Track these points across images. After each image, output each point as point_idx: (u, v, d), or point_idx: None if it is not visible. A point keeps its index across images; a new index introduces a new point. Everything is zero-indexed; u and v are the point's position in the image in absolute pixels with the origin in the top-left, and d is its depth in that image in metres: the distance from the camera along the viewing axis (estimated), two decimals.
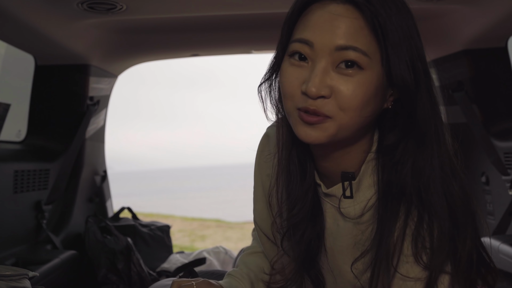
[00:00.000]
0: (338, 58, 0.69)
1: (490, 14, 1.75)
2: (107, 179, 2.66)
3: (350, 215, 0.79)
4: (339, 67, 0.70)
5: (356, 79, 0.69)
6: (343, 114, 0.70)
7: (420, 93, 0.72)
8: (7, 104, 1.79)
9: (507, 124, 2.03)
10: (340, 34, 0.69)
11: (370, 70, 0.70)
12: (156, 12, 1.74)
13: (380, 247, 0.73)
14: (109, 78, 2.43)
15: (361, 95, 0.69)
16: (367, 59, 0.69)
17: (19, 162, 1.91)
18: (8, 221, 1.82)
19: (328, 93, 0.69)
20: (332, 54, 0.69)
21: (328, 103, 0.70)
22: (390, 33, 0.69)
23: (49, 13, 1.64)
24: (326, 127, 0.71)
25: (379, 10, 0.69)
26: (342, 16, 0.69)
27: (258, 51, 2.37)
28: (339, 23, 0.69)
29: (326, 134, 0.71)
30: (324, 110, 0.70)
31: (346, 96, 0.69)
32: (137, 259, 2.06)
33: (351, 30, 0.69)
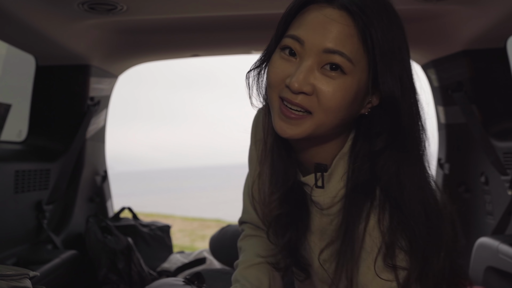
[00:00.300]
0: (325, 59, 0.74)
1: (489, 14, 1.76)
2: (107, 179, 2.66)
3: (320, 204, 0.83)
4: (324, 68, 0.74)
5: (337, 82, 0.73)
6: (322, 113, 0.74)
7: (405, 102, 0.75)
8: (8, 105, 1.80)
9: (507, 124, 2.03)
10: (330, 38, 0.73)
11: (352, 76, 0.73)
12: (156, 12, 1.74)
13: (344, 238, 0.76)
14: (109, 79, 2.43)
15: (340, 97, 0.73)
16: (351, 65, 0.73)
17: (20, 162, 1.91)
18: (9, 221, 1.82)
19: (310, 90, 0.74)
20: (320, 55, 0.74)
21: (309, 100, 0.74)
22: (380, 44, 0.72)
23: (50, 14, 1.65)
24: (303, 124, 0.75)
25: (372, 21, 0.72)
26: (335, 21, 0.73)
27: (258, 51, 2.37)
28: (331, 27, 0.73)
29: (301, 130, 0.75)
30: (304, 104, 0.74)
31: (326, 97, 0.73)
32: (137, 259, 2.07)
33: (341, 36, 0.73)
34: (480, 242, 1.87)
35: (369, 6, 0.73)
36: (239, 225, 1.13)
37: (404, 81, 0.75)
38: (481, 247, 1.86)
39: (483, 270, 1.83)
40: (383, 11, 0.74)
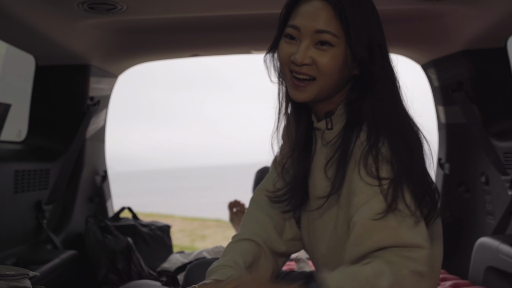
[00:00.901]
0: (316, 38, 1.01)
1: (489, 14, 1.75)
2: (107, 179, 2.66)
3: (328, 140, 1.09)
4: (317, 44, 1.02)
5: (328, 53, 1.01)
6: (322, 77, 1.02)
7: (374, 60, 1.02)
8: (7, 104, 1.80)
9: (507, 124, 2.03)
10: (318, 22, 1.01)
11: (338, 47, 1.01)
12: (156, 12, 1.74)
13: (341, 153, 1.03)
14: (109, 78, 2.43)
15: (333, 64, 1.01)
16: (336, 39, 1.00)
17: (20, 162, 1.91)
18: (9, 221, 1.82)
19: (310, 61, 1.01)
20: (313, 35, 1.01)
21: (311, 69, 1.02)
22: (352, 23, 1.00)
23: (49, 14, 1.65)
24: (310, 89, 1.04)
25: (345, 6, 1.00)
26: (320, 9, 1.01)
27: (258, 51, 2.37)
28: (318, 14, 1.01)
29: (309, 94, 1.04)
30: (309, 72, 1.02)
31: (322, 65, 1.01)
32: (137, 259, 2.07)
33: (326, 19, 1.01)
34: (480, 242, 1.87)
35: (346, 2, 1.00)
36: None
37: (372, 46, 1.02)
38: (482, 247, 1.86)
39: (484, 270, 1.82)
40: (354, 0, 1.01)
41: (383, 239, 0.92)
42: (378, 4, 1.06)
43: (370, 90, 1.04)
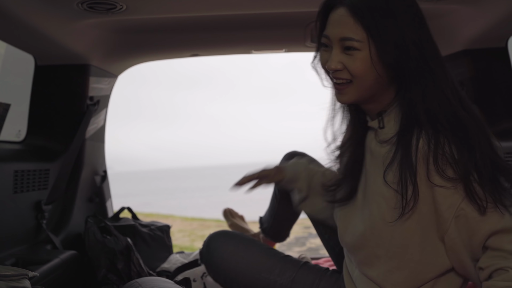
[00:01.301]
0: (343, 44, 1.05)
1: (490, 14, 1.75)
2: (107, 179, 2.66)
3: (380, 138, 1.11)
4: (345, 50, 1.06)
5: (355, 57, 1.04)
6: (356, 80, 1.06)
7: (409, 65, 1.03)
8: (7, 104, 1.79)
9: (508, 124, 2.02)
10: (342, 29, 1.05)
11: (364, 51, 1.04)
12: (156, 12, 1.74)
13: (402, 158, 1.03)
14: (109, 78, 2.42)
15: (362, 67, 1.04)
16: (360, 44, 1.03)
17: (19, 162, 1.91)
18: (8, 221, 1.82)
19: (341, 67, 1.07)
20: (340, 42, 1.06)
21: (343, 73, 1.07)
22: (373, 26, 1.02)
23: (48, 13, 1.64)
24: (349, 91, 1.09)
25: (366, 11, 1.02)
26: (344, 16, 1.04)
27: (258, 51, 2.37)
28: (342, 21, 1.05)
29: (349, 96, 1.09)
30: (343, 76, 1.08)
31: (352, 69, 1.05)
32: (137, 259, 2.06)
33: (349, 26, 1.04)
34: None
35: (365, 3, 1.02)
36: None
37: (403, 46, 1.02)
38: None
39: None
40: (376, 3, 1.02)
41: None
42: None
43: (409, 90, 1.04)
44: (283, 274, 1.33)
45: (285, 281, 1.32)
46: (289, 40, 2.23)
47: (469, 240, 1.01)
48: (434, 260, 1.07)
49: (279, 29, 2.09)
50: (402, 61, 1.03)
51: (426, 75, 1.04)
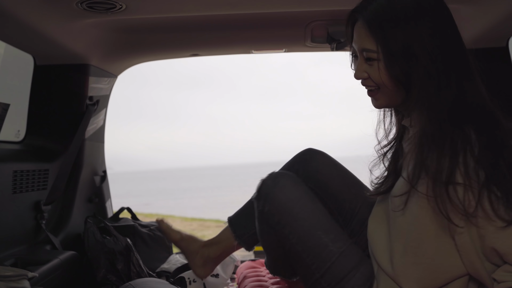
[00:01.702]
0: (363, 55, 1.12)
1: (491, 14, 1.75)
2: (106, 179, 2.65)
3: (407, 137, 1.20)
4: (367, 60, 1.12)
5: (375, 67, 1.11)
6: (382, 86, 1.12)
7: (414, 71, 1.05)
8: (6, 104, 1.79)
9: (508, 124, 2.02)
10: (361, 41, 1.11)
11: (381, 59, 1.08)
12: (155, 12, 1.73)
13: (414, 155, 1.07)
14: (108, 78, 2.42)
15: (382, 75, 1.10)
16: (376, 54, 1.09)
17: (18, 162, 1.90)
18: (7, 221, 1.81)
19: (365, 76, 1.14)
20: (361, 53, 1.13)
21: (369, 81, 1.14)
22: (383, 38, 1.07)
23: (48, 13, 1.64)
24: (379, 97, 1.15)
25: (378, 23, 1.07)
26: (361, 28, 1.11)
27: (258, 51, 2.36)
28: (360, 33, 1.11)
29: (381, 102, 1.16)
30: (370, 84, 1.15)
31: (374, 78, 1.12)
32: (136, 259, 2.06)
33: (365, 37, 1.10)
34: None
35: (376, 15, 1.08)
36: None
37: (407, 57, 1.05)
38: None
39: None
40: (390, 17, 1.06)
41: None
42: None
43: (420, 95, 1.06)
44: (336, 241, 1.30)
45: (334, 249, 1.29)
46: (289, 40, 2.22)
47: (480, 243, 1.00)
48: (448, 260, 1.07)
49: (279, 29, 2.08)
50: (411, 71, 1.05)
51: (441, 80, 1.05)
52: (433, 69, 1.04)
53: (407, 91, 1.09)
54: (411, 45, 1.04)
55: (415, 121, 1.14)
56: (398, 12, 1.05)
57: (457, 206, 0.98)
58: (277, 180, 1.39)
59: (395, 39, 1.04)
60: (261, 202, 1.39)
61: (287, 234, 1.32)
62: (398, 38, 1.04)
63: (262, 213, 1.38)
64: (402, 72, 1.06)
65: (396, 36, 1.04)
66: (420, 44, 1.04)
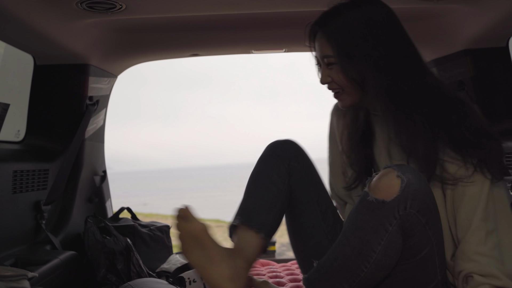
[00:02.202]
0: (326, 62, 1.25)
1: (491, 13, 1.75)
2: (106, 179, 2.65)
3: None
4: (328, 66, 1.25)
5: (335, 70, 1.23)
6: (345, 88, 1.24)
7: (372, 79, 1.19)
8: (6, 104, 1.79)
9: (508, 124, 2.02)
10: (321, 49, 1.25)
11: (339, 64, 1.21)
12: (155, 11, 1.73)
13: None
14: (108, 78, 2.42)
15: (341, 78, 1.22)
16: (334, 59, 1.22)
17: (18, 162, 1.90)
18: (7, 221, 1.81)
19: (329, 80, 1.25)
20: (323, 60, 1.26)
21: (333, 84, 1.26)
22: (338, 45, 1.21)
23: (48, 13, 1.63)
24: (344, 98, 1.26)
25: (333, 32, 1.21)
26: (320, 37, 1.25)
27: (258, 51, 2.36)
28: (320, 42, 1.25)
29: (346, 102, 1.27)
30: (334, 87, 1.26)
31: (336, 80, 1.24)
32: (136, 259, 2.05)
33: (324, 45, 1.24)
34: None
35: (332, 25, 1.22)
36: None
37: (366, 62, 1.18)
38: None
39: None
40: (343, 26, 1.20)
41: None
42: None
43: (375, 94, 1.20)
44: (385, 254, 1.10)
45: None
46: (289, 40, 2.22)
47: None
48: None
49: (279, 29, 2.08)
50: (364, 71, 1.19)
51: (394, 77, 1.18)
52: (384, 70, 1.18)
53: (363, 89, 1.21)
54: (362, 49, 1.18)
55: (380, 111, 1.26)
56: (350, 21, 1.20)
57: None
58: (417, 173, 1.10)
59: (348, 44, 1.19)
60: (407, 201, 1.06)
61: (431, 236, 1.10)
62: (350, 44, 1.19)
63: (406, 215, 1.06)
64: (356, 73, 1.19)
65: (349, 42, 1.19)
66: (369, 48, 1.18)
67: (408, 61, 1.21)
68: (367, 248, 1.05)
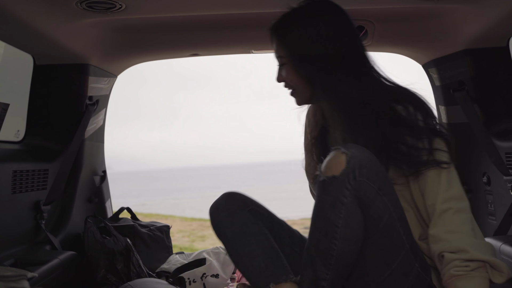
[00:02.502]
0: (279, 61, 1.34)
1: (491, 13, 1.74)
2: (106, 179, 2.65)
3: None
4: (280, 66, 1.34)
5: (286, 70, 1.32)
6: (296, 87, 1.33)
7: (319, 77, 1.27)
8: (5, 104, 1.78)
9: (509, 124, 2.02)
10: (276, 50, 1.34)
11: (289, 64, 1.31)
12: (155, 11, 1.73)
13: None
14: (108, 78, 2.42)
15: (291, 77, 1.31)
16: (285, 59, 1.31)
17: (18, 162, 1.90)
18: (7, 221, 1.81)
19: (282, 79, 1.35)
20: (278, 60, 1.35)
21: (286, 84, 1.35)
22: (286, 45, 1.30)
23: (48, 13, 1.63)
24: (297, 96, 1.35)
25: (283, 33, 1.31)
26: (274, 38, 1.33)
27: (258, 51, 2.36)
28: (274, 44, 1.34)
29: (299, 100, 1.37)
30: (287, 87, 1.35)
31: (287, 79, 1.33)
32: (136, 259, 2.05)
33: (276, 46, 1.33)
34: None
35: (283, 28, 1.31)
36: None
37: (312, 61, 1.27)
38: None
39: None
40: (295, 29, 1.29)
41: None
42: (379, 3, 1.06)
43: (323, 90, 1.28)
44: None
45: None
46: None
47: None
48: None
49: None
50: (312, 70, 1.27)
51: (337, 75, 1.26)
52: (330, 67, 1.25)
53: (312, 87, 1.29)
54: (311, 51, 1.26)
55: (326, 110, 1.36)
56: (302, 25, 1.27)
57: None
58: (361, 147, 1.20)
59: (298, 46, 1.27)
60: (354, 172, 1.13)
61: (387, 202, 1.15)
62: (300, 45, 1.27)
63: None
64: (305, 73, 1.28)
65: (299, 44, 1.27)
66: (318, 51, 1.26)
67: (355, 63, 1.27)
68: (330, 225, 1.11)
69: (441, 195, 1.18)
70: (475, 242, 1.13)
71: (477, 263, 1.11)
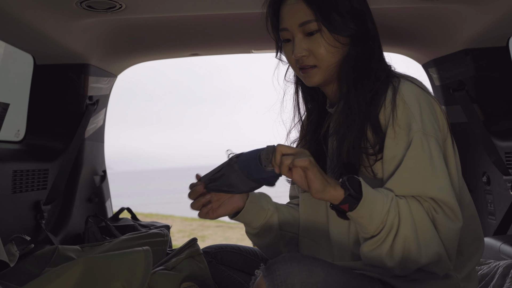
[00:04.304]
0: (304, 31, 1.12)
1: (491, 13, 1.74)
2: (106, 179, 2.65)
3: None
4: (307, 35, 1.13)
5: (319, 40, 1.11)
6: (322, 63, 1.13)
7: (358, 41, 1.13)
8: (5, 104, 1.78)
9: (508, 123, 2.02)
10: (298, 16, 1.12)
11: (323, 31, 1.11)
12: (155, 11, 1.73)
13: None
14: (108, 78, 2.42)
15: (328, 48, 1.11)
16: (318, 24, 1.10)
17: (18, 162, 1.90)
18: (7, 221, 1.81)
19: (306, 53, 1.13)
20: (299, 30, 1.12)
21: (309, 59, 1.13)
22: (319, 9, 1.10)
23: (48, 13, 1.63)
24: (315, 74, 1.14)
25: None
26: (295, 3, 1.12)
27: (258, 50, 2.36)
28: (295, 9, 1.12)
29: (317, 79, 1.15)
30: (309, 63, 1.14)
31: (317, 53, 1.12)
32: None
33: (302, 10, 1.11)
34: None
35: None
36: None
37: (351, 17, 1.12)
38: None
39: None
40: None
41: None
42: (379, 3, 1.06)
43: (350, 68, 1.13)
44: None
45: None
46: None
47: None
48: None
49: None
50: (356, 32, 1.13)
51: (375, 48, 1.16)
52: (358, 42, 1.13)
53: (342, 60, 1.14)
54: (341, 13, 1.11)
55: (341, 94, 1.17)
56: None
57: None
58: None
59: (329, 7, 1.10)
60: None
61: None
62: (331, 6, 1.10)
63: None
64: (347, 34, 1.12)
65: (329, 3, 1.10)
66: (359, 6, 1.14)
67: (374, 42, 1.16)
68: None
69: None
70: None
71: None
